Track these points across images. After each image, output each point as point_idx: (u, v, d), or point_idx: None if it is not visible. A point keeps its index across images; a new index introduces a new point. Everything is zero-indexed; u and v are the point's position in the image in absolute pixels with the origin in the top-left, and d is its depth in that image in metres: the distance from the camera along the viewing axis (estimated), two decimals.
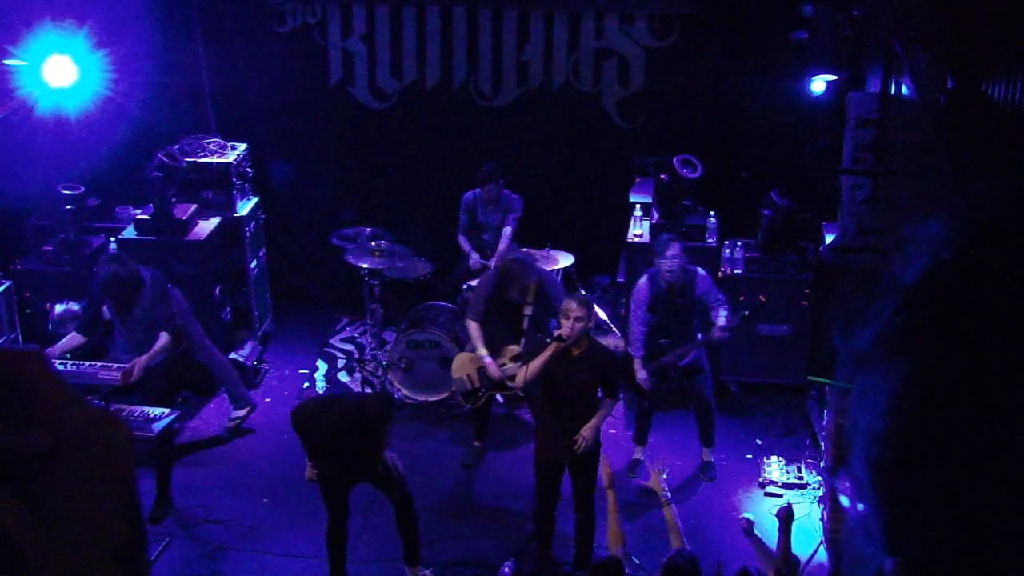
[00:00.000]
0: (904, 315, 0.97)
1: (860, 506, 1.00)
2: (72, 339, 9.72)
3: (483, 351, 9.87)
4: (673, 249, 9.52)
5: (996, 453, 0.89)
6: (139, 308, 9.58)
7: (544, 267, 10.50)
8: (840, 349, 1.05)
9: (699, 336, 9.72)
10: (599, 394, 8.54)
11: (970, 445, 0.90)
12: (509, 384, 9.73)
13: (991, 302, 0.92)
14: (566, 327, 8.17)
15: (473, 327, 9.99)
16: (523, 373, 8.40)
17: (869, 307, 1.03)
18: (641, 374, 9.72)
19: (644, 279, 9.78)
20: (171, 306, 9.80)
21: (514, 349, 9.88)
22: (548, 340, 8.31)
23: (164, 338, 9.56)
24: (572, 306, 8.20)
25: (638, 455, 10.21)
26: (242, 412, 10.69)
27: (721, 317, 9.54)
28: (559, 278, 11.16)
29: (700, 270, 9.83)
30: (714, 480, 10.04)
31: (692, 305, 9.73)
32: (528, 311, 9.93)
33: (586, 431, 8.38)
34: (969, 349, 0.92)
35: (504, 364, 9.87)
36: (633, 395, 10.15)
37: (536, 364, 8.27)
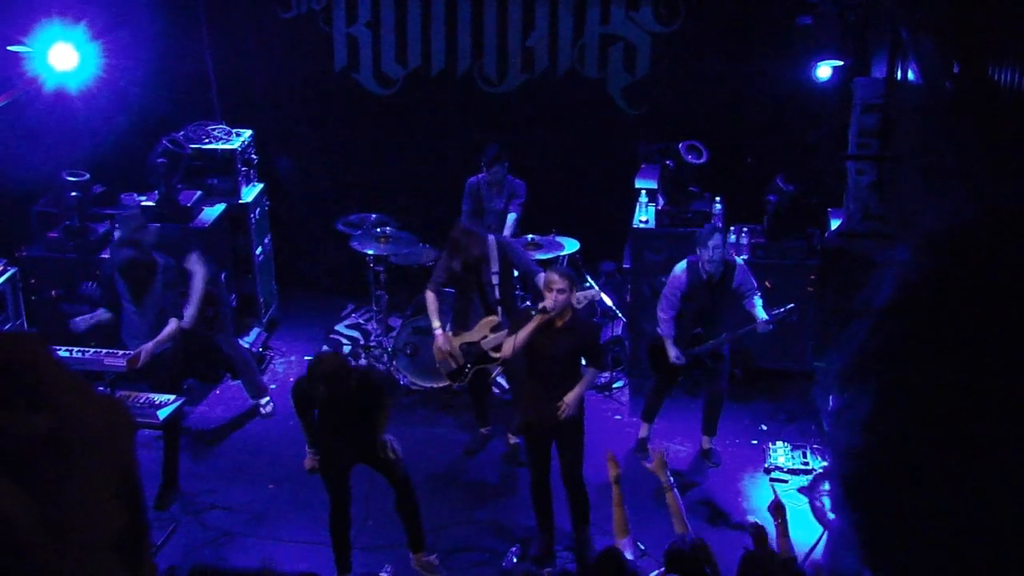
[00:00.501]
0: (877, 337, 0.99)
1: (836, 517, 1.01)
2: (101, 314, 9.69)
3: (436, 323, 9.86)
4: (715, 240, 9.50)
5: (973, 471, 0.90)
6: (151, 293, 9.58)
7: (507, 237, 10.48)
8: (818, 371, 1.08)
9: (753, 325, 9.62)
10: (582, 364, 8.73)
11: (947, 463, 0.91)
12: (493, 355, 9.76)
13: (961, 324, 0.93)
14: (549, 299, 8.32)
15: (430, 298, 9.96)
16: (510, 345, 8.55)
17: (844, 331, 1.04)
18: (673, 352, 9.73)
19: (683, 267, 9.76)
20: (217, 279, 9.81)
21: (492, 320, 9.88)
22: (533, 312, 8.43)
23: (173, 324, 9.55)
24: (554, 278, 8.37)
25: (644, 432, 10.24)
26: (265, 399, 10.78)
27: (757, 307, 9.55)
28: (565, 264, 11.15)
29: (739, 260, 9.84)
30: (719, 465, 10.06)
31: (728, 296, 9.73)
32: (495, 280, 9.90)
33: (569, 398, 8.51)
34: (943, 369, 0.93)
35: (486, 336, 9.86)
36: (653, 374, 10.19)
37: (522, 335, 8.43)
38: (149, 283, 9.58)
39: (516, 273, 10.11)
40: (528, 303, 10.21)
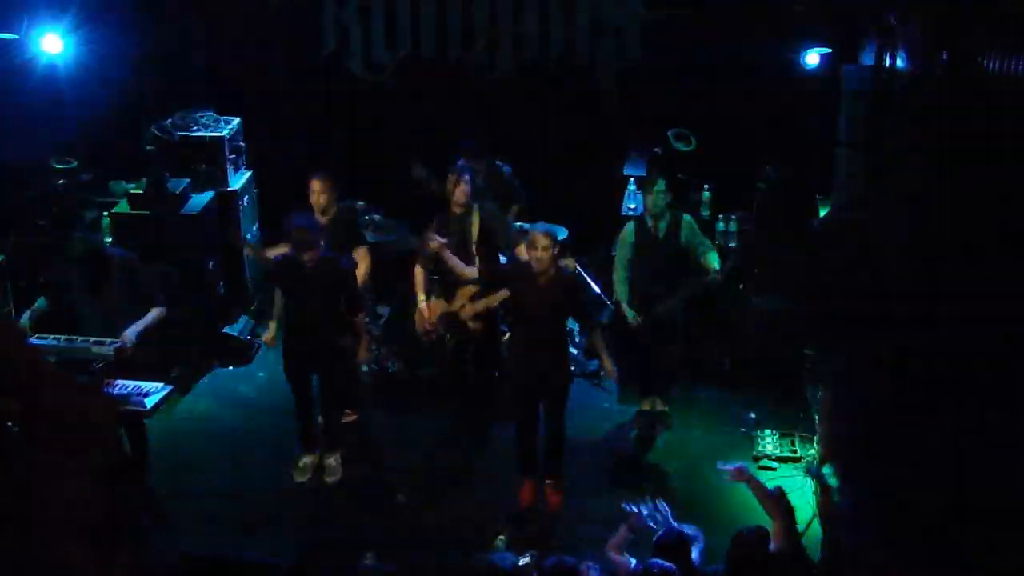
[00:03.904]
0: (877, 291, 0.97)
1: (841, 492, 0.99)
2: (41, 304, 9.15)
3: (421, 296, 9.95)
4: (660, 185, 9.59)
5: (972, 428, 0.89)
6: (110, 292, 8.98)
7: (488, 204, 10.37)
8: (818, 331, 1.05)
9: (705, 278, 9.68)
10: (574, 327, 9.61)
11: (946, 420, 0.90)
12: (471, 325, 9.92)
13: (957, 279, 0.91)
14: (533, 258, 8.63)
15: (418, 272, 10.03)
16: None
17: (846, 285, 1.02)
18: (629, 313, 9.86)
19: (632, 225, 9.93)
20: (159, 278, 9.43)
21: (471, 290, 9.89)
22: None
23: (156, 312, 9.07)
24: (538, 237, 8.64)
25: (644, 406, 10.32)
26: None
27: (711, 259, 9.62)
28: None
29: (686, 215, 9.88)
30: (669, 428, 10.28)
31: (679, 253, 9.75)
32: (474, 250, 9.89)
33: (606, 365, 9.20)
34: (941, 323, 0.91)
35: (463, 306, 9.89)
36: (624, 349, 10.26)
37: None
38: (104, 281, 8.99)
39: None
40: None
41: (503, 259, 10.03)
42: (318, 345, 9.27)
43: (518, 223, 11.10)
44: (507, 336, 10.25)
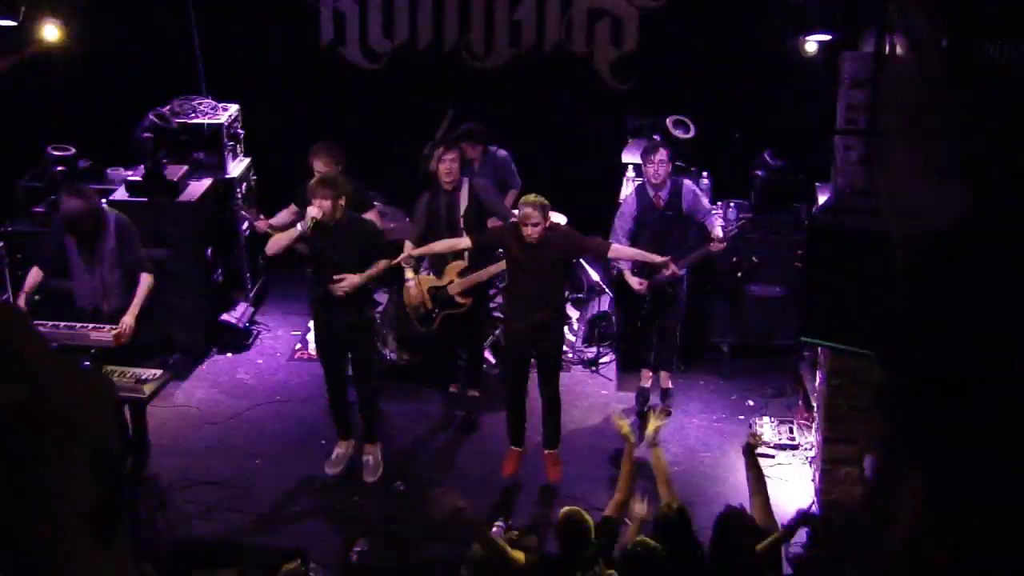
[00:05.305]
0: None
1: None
2: (33, 274, 9.18)
3: (410, 273, 9.89)
4: (660, 155, 9.57)
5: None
6: (104, 250, 9.07)
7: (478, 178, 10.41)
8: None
9: (707, 245, 9.70)
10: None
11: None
12: (459, 300, 9.97)
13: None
14: (528, 234, 8.74)
15: (407, 247, 9.95)
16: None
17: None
18: (634, 280, 9.83)
19: (632, 192, 9.95)
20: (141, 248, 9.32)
21: (459, 264, 9.94)
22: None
23: (146, 280, 9.08)
24: (528, 211, 8.74)
25: (645, 382, 10.31)
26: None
27: (716, 227, 9.62)
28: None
29: (686, 181, 9.88)
30: (670, 411, 10.17)
31: (681, 220, 9.77)
32: (462, 224, 9.89)
33: None
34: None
35: (452, 281, 9.95)
36: (624, 318, 10.40)
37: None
38: (98, 236, 9.05)
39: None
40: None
41: None
42: (350, 314, 9.20)
43: (514, 209, 11.11)
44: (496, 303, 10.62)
